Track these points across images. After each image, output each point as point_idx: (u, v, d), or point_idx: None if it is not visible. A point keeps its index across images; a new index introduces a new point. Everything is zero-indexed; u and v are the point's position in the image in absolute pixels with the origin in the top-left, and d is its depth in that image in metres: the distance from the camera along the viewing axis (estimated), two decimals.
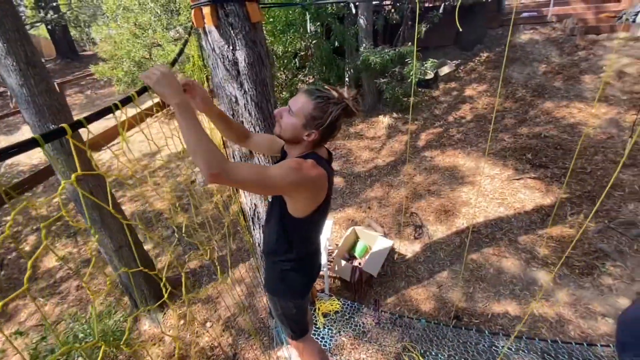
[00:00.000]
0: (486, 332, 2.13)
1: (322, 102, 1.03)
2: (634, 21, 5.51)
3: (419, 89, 5.73)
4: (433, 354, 2.01)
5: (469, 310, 2.59)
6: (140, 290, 2.88)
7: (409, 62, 4.70)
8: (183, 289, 1.11)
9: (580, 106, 4.54)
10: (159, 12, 6.09)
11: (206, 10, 1.28)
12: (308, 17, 4.60)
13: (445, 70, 5.76)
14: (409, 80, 4.75)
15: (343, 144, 5.16)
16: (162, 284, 1.02)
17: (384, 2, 5.67)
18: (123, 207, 4.50)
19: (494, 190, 3.66)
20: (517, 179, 3.71)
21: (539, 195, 3.50)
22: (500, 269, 2.88)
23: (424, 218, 3.55)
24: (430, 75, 5.50)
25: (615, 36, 5.51)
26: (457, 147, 4.44)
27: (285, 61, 5.39)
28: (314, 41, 5.27)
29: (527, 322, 2.45)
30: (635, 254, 2.78)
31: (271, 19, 4.86)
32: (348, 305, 2.50)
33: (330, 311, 2.42)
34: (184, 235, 1.69)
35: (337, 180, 4.43)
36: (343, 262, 2.84)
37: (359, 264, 2.95)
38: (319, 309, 2.40)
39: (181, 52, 1.40)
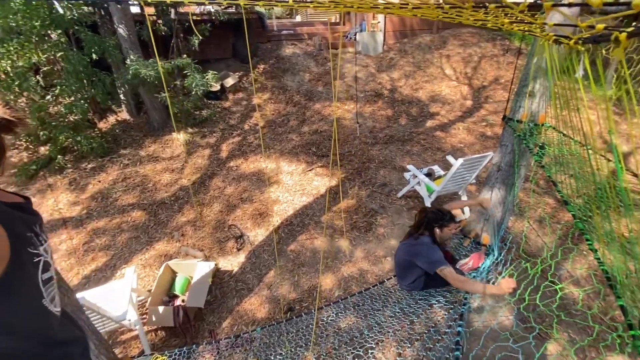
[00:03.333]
0: (313, 311, 2.36)
1: None
2: (355, 39, 7.54)
3: (210, 101, 5.67)
4: (272, 358, 2.03)
5: (298, 297, 2.80)
6: None
7: (189, 74, 4.53)
8: None
9: (337, 104, 5.80)
10: None
11: None
12: None
13: (230, 81, 5.95)
14: (194, 92, 4.59)
15: (135, 171, 4.42)
16: None
17: (145, 12, 5.18)
18: None
19: (295, 184, 4.11)
20: (310, 170, 4.33)
21: (327, 179, 4.22)
22: (314, 250, 3.28)
23: (242, 227, 3.56)
24: (216, 88, 5.53)
25: (347, 50, 7.36)
26: (257, 152, 4.70)
27: (20, 80, 3.99)
28: (59, 53, 4.17)
29: (341, 286, 2.91)
30: (390, 205, 3.82)
31: None
32: (176, 354, 2.15)
33: None
34: None
35: (137, 215, 3.76)
36: (161, 308, 2.42)
37: (183, 301, 2.61)
38: None
39: None
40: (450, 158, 3.71)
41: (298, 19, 11.79)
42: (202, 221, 3.63)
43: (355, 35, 7.54)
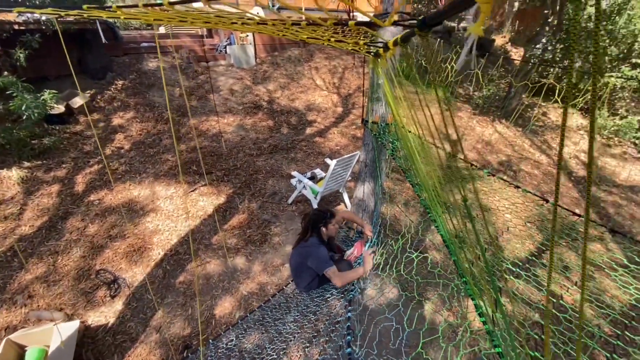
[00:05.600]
0: (210, 340, 2.20)
1: None
2: (225, 52, 7.42)
3: (53, 127, 4.65)
4: None
5: (195, 331, 2.56)
6: None
7: (15, 95, 3.64)
8: None
9: (215, 119, 5.59)
10: None
11: None
12: None
13: (78, 101, 5.02)
14: (26, 117, 3.70)
15: None
16: None
17: None
18: None
19: (176, 208, 3.76)
20: (193, 191, 4.03)
21: (214, 197, 4.00)
22: (208, 275, 3.06)
23: (115, 269, 3.04)
24: (59, 110, 4.59)
25: (219, 63, 7.19)
26: (125, 180, 4.10)
27: None
28: None
29: (242, 306, 2.80)
30: (282, 212, 3.90)
31: None
32: None
33: None
34: None
35: None
36: None
37: None
38: None
39: None
40: (328, 160, 4.03)
41: (162, 30, 10.87)
42: (56, 274, 2.94)
43: (225, 48, 7.43)
